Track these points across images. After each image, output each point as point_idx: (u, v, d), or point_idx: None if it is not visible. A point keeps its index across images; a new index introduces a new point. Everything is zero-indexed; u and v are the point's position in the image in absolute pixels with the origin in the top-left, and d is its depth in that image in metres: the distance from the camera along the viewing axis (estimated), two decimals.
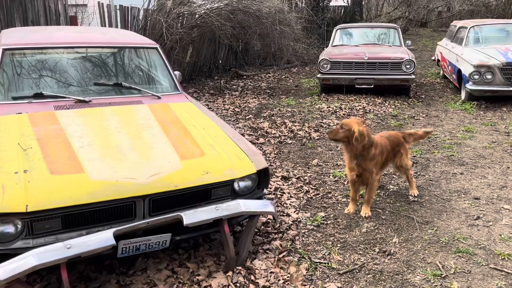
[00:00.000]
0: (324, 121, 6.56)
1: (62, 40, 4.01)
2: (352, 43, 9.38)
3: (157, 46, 4.38)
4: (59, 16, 7.40)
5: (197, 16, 8.34)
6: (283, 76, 11.43)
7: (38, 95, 3.55)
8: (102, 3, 8.55)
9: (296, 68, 12.46)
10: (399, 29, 9.46)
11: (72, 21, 7.68)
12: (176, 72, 4.56)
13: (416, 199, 3.93)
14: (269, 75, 11.49)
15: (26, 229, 2.32)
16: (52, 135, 2.93)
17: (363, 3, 21.18)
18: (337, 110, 7.16)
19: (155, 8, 8.91)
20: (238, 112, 7.11)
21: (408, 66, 7.80)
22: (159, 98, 3.92)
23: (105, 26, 8.53)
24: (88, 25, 8.89)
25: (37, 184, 2.37)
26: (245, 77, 11.02)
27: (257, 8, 8.48)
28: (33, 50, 3.85)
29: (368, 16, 21.81)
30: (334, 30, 9.77)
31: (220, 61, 10.47)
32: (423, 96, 8.41)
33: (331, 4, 17.45)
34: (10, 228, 2.29)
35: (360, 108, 7.27)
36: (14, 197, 2.26)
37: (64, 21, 7.50)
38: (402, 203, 3.85)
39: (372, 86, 7.99)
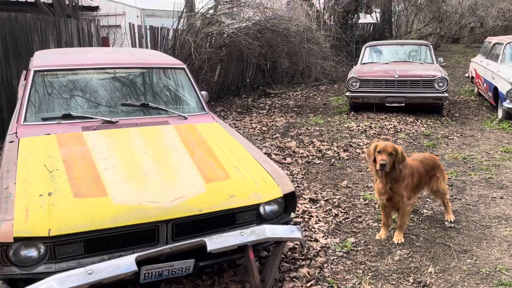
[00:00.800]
0: (353, 140, 6.40)
1: (91, 61, 4.06)
2: (382, 61, 9.21)
3: (184, 66, 4.38)
4: (92, 37, 7.59)
5: (225, 35, 8.39)
6: (311, 94, 11.33)
7: (67, 116, 3.58)
8: (133, 24, 8.73)
9: (325, 86, 12.35)
10: (431, 46, 9.24)
11: (104, 42, 7.86)
12: (203, 92, 4.54)
13: (452, 225, 3.72)
14: (297, 93, 11.41)
15: (49, 253, 2.29)
16: (78, 157, 2.92)
17: (392, 20, 20.95)
18: (367, 129, 6.99)
19: (184, 28, 9.04)
20: (265, 131, 7.04)
21: (440, 84, 7.56)
22: (185, 118, 3.89)
23: (135, 46, 8.69)
24: (120, 45, 9.09)
25: (61, 207, 2.34)
26: (272, 95, 10.98)
27: (285, 27, 8.47)
28: (63, 72, 3.91)
29: (398, 33, 21.53)
30: (363, 47, 9.64)
31: (248, 80, 10.49)
32: (457, 115, 8.12)
33: (360, 21, 17.31)
34: (33, 252, 2.26)
35: (390, 127, 7.07)
36: (38, 220, 2.24)
37: (96, 42, 7.68)
38: (437, 229, 3.64)
39: (403, 104, 7.78)
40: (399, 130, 6.93)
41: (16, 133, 3.38)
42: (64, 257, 2.32)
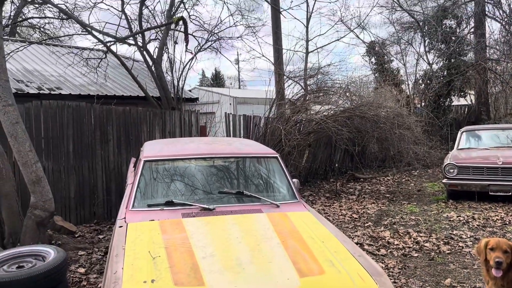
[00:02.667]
0: (454, 232, 5.92)
1: (193, 152, 4.40)
2: (481, 146, 8.71)
3: (277, 155, 4.55)
4: (192, 126, 8.27)
5: (313, 123, 8.64)
6: (404, 180, 10.91)
7: (169, 203, 3.83)
8: (229, 114, 9.39)
9: (417, 171, 11.86)
10: None
11: (202, 130, 8.51)
12: (294, 180, 4.62)
13: None
14: (387, 178, 11.08)
15: None
16: (178, 244, 3.07)
17: (489, 101, 19.99)
18: (469, 220, 6.45)
19: (275, 117, 9.50)
20: (356, 218, 6.82)
21: None
22: (278, 206, 3.95)
23: (229, 133, 9.26)
24: (215, 133, 9.73)
25: None
26: (362, 180, 10.77)
27: (375, 113, 8.51)
28: (168, 161, 4.27)
29: (496, 116, 20.37)
30: (459, 132, 9.24)
31: (337, 165, 10.47)
32: None
33: (453, 103, 16.81)
34: None
35: (497, 219, 6.45)
36: None
37: (195, 130, 8.34)
38: None
39: (510, 193, 7.13)
40: (507, 223, 6.29)
41: (125, 218, 3.68)
42: None
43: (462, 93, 15.79)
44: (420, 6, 15.47)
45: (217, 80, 47.51)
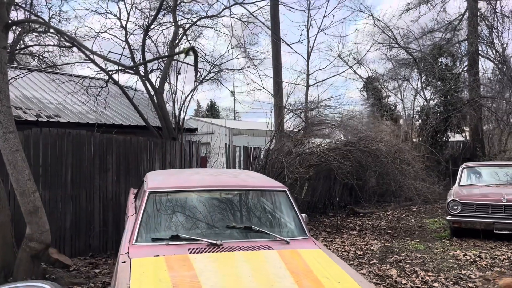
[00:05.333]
0: (463, 272, 5.75)
1: (199, 184, 4.27)
2: (482, 183, 8.66)
3: (286, 189, 4.42)
4: (192, 157, 8.16)
5: (315, 156, 8.56)
6: (403, 215, 10.78)
7: (175, 238, 3.67)
8: (228, 145, 9.31)
9: (416, 207, 11.75)
10: None
11: (202, 161, 8.39)
12: (303, 215, 4.48)
13: None
14: (387, 213, 10.94)
15: None
16: (187, 282, 2.90)
17: (484, 138, 20.14)
18: (477, 259, 6.29)
19: (275, 149, 9.43)
20: (361, 255, 6.64)
21: None
22: (288, 243, 3.80)
23: (229, 164, 9.14)
24: (213, 164, 9.61)
25: None
26: (361, 214, 10.61)
27: (377, 148, 8.48)
28: (174, 193, 4.13)
29: (490, 152, 20.49)
30: (460, 168, 9.20)
31: (338, 199, 10.35)
32: None
33: (450, 139, 16.91)
34: None
35: (504, 258, 6.30)
36: None
37: (196, 161, 8.22)
38: None
39: None
40: None
41: (128, 253, 3.51)
42: None
43: (458, 130, 15.89)
44: (418, 43, 15.80)
45: (212, 111, 47.82)
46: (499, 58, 19.33)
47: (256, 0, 10.26)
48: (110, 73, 8.73)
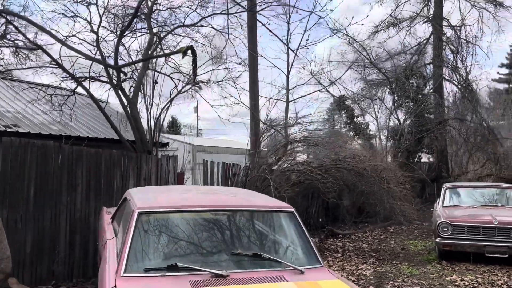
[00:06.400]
0: None
1: (198, 203, 3.71)
2: (465, 204, 8.52)
3: (293, 209, 3.93)
4: (169, 173, 7.51)
5: (299, 174, 8.14)
6: (382, 237, 10.53)
7: (173, 267, 3.08)
8: (207, 160, 8.73)
9: (393, 227, 11.57)
10: None
11: (179, 178, 7.76)
12: (312, 239, 4.00)
13: None
14: (366, 234, 10.65)
15: None
16: None
17: (449, 159, 20.56)
18: (475, 285, 6.01)
19: (255, 166, 8.94)
20: (355, 281, 6.20)
21: None
22: (302, 273, 3.30)
23: (207, 182, 8.54)
24: (185, 181, 8.99)
25: None
26: (341, 236, 10.26)
27: (363, 166, 8.18)
28: (168, 214, 3.54)
29: (453, 173, 20.95)
30: (443, 189, 9.06)
31: (321, 219, 9.96)
32: None
33: (422, 159, 17.08)
34: None
35: (502, 284, 6.06)
36: None
37: (172, 178, 7.58)
38: None
39: (507, 255, 6.84)
40: None
41: (115, 287, 2.89)
42: None
43: (429, 150, 16.07)
44: (390, 63, 15.95)
45: (173, 127, 46.82)
46: (462, 82, 19.96)
47: (235, 11, 9.91)
48: (79, 80, 7.99)
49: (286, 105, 11.50)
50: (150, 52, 9.18)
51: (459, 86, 20.09)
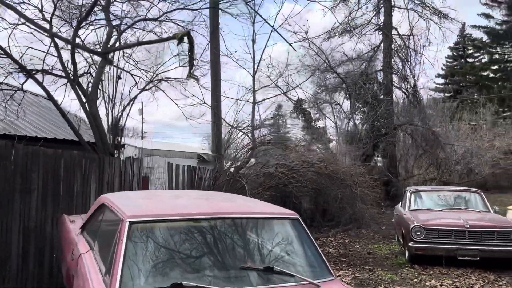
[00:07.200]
0: None
1: (197, 211, 3.26)
2: (430, 207, 8.63)
3: (298, 216, 3.59)
4: (133, 177, 6.90)
5: (273, 177, 7.82)
6: (346, 241, 10.47)
7: (177, 287, 2.63)
8: (172, 163, 8.17)
9: (353, 231, 11.58)
10: (482, 194, 8.79)
11: (144, 183, 7.17)
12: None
13: None
14: (330, 239, 10.55)
15: None
16: None
17: (397, 163, 21.23)
18: None
19: (224, 169, 8.53)
20: None
21: None
22: (318, 287, 2.97)
23: (172, 186, 7.99)
24: (153, 185, 8.39)
25: None
26: None
27: (335, 169, 8.03)
28: (166, 224, 3.06)
29: (399, 177, 21.69)
30: (408, 193, 9.15)
31: None
32: None
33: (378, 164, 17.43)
34: None
35: (479, 287, 6.10)
36: None
37: (137, 182, 6.97)
38: None
39: (478, 258, 6.94)
40: None
41: None
42: None
43: (384, 155, 16.45)
44: (346, 68, 16.12)
45: (116, 129, 44.82)
46: (409, 90, 20.73)
47: (199, 8, 9.46)
48: (31, 72, 7.16)
49: (253, 106, 11.17)
50: (109, 46, 8.49)
51: (407, 93, 20.87)
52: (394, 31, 20.83)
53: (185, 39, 5.39)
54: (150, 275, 2.77)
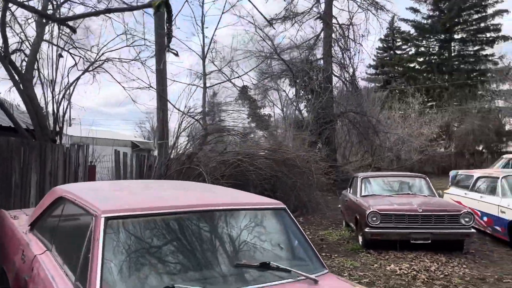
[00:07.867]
0: None
1: (181, 203, 2.90)
2: (381, 193, 8.82)
3: (285, 206, 3.34)
4: (78, 166, 6.26)
5: (224, 167, 7.53)
6: None
7: None
8: (119, 151, 7.58)
9: (302, 218, 11.63)
10: (427, 179, 9.14)
11: (91, 172, 6.54)
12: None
13: None
14: None
15: None
16: None
17: (337, 149, 21.82)
18: (414, 273, 6.10)
19: (175, 157, 8.08)
20: None
21: (467, 219, 7.19)
22: (316, 282, 2.76)
23: (120, 176, 7.42)
24: (98, 174, 7.73)
25: None
26: None
27: (291, 157, 7.89)
28: (147, 218, 2.67)
29: (338, 163, 22.34)
30: (359, 179, 9.27)
31: None
32: (473, 251, 7.60)
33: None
34: None
35: (435, 269, 6.29)
36: None
37: (83, 172, 6.33)
38: None
39: (430, 241, 7.18)
40: (447, 274, 6.15)
41: None
42: None
43: (327, 140, 16.72)
44: (298, 52, 16.05)
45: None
46: (348, 79, 21.29)
47: None
48: None
49: (203, 92, 10.71)
50: (44, 21, 7.62)
51: (345, 82, 21.42)
52: (334, 20, 21.24)
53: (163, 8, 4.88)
54: (135, 279, 2.39)
